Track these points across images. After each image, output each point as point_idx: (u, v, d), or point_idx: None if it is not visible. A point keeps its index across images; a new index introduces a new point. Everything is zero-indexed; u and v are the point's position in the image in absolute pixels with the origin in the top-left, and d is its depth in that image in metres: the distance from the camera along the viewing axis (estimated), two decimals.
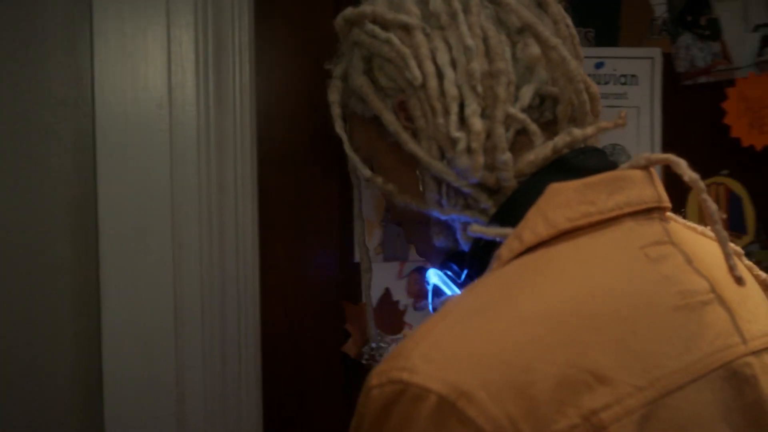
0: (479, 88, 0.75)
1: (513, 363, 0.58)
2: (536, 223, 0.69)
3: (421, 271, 1.29)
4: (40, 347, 0.91)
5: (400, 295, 1.28)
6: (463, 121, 0.75)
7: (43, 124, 0.88)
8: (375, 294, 1.27)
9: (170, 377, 0.97)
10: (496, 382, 0.57)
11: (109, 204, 0.91)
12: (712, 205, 0.71)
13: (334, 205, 1.24)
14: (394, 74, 0.79)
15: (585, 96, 0.77)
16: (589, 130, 0.76)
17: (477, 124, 0.74)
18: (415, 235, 0.85)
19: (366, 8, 0.81)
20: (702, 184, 0.72)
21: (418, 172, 0.79)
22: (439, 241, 0.81)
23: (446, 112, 0.75)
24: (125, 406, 0.94)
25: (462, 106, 0.75)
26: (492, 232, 0.71)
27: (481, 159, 0.74)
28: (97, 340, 0.93)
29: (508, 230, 0.70)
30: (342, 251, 1.25)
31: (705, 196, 0.71)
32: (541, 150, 0.75)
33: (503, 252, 0.68)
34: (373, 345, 1.26)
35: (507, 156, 0.74)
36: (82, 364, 0.93)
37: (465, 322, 0.61)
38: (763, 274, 0.79)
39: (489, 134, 0.75)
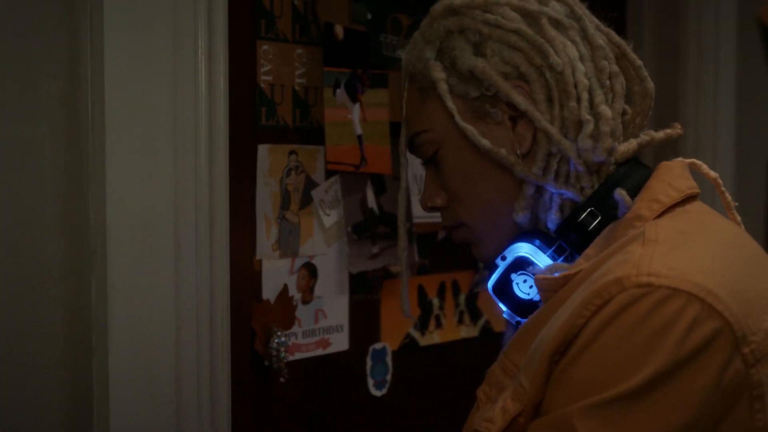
0: (607, 83, 0.88)
1: (730, 275, 0.76)
2: (666, 190, 0.85)
3: (309, 266, 1.34)
4: (37, 349, 0.84)
5: (293, 291, 1.32)
6: (591, 108, 0.87)
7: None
8: (274, 290, 1.30)
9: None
10: (725, 287, 0.74)
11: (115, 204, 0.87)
12: (729, 196, 0.93)
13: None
14: (518, 59, 0.88)
15: (650, 104, 0.94)
16: (661, 134, 0.93)
17: (607, 111, 0.87)
18: (487, 223, 0.93)
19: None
20: (720, 180, 0.93)
21: (533, 149, 0.89)
22: (522, 216, 0.91)
23: (578, 99, 0.87)
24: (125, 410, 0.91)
25: (591, 95, 0.87)
26: (629, 202, 0.84)
27: (609, 142, 0.87)
28: (103, 341, 0.88)
29: (635, 200, 0.85)
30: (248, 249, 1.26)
31: (723, 189, 0.93)
32: (631, 144, 0.89)
33: (644, 213, 0.84)
34: (277, 341, 1.29)
35: (622, 144, 0.88)
36: (77, 366, 0.88)
37: (678, 248, 0.78)
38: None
39: (630, 121, 0.90)
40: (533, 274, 0.89)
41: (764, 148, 1.88)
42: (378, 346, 1.42)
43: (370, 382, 1.41)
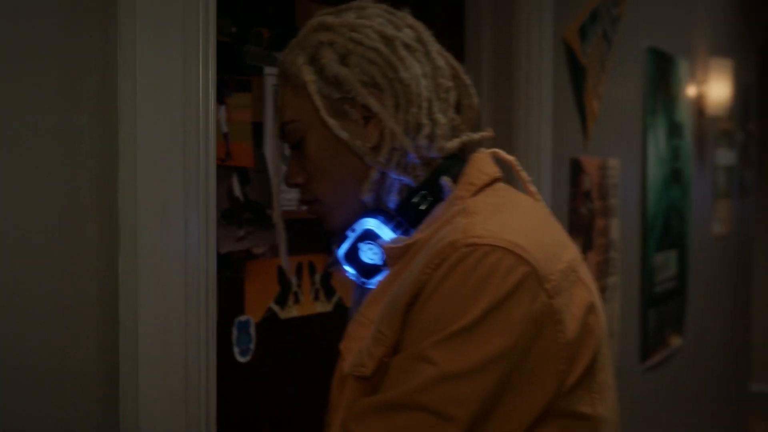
0: (443, 96, 1.12)
1: (531, 233, 1.02)
2: (478, 175, 1.11)
3: None
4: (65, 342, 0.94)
5: None
6: (429, 115, 1.10)
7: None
8: None
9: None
10: (529, 241, 0.99)
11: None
12: (525, 174, 1.20)
13: None
14: (374, 72, 1.10)
15: (475, 116, 1.19)
16: (477, 136, 1.18)
17: (441, 118, 1.11)
18: (338, 200, 1.15)
19: (354, 21, 1.11)
20: (516, 162, 1.19)
21: (380, 144, 1.11)
22: (368, 196, 1.14)
23: (420, 107, 1.10)
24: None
25: (429, 104, 1.11)
26: (452, 186, 1.10)
27: (441, 142, 1.11)
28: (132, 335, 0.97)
29: (456, 185, 1.10)
30: None
31: (519, 168, 1.19)
32: (455, 143, 1.14)
33: (463, 193, 1.09)
34: None
35: (449, 143, 1.12)
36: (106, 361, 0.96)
37: (492, 216, 1.03)
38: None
39: (456, 126, 1.15)
40: (379, 244, 1.12)
41: (571, 148, 2.19)
42: (242, 318, 1.61)
43: (236, 350, 1.60)
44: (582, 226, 2.24)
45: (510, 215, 1.05)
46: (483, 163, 1.13)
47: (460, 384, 0.95)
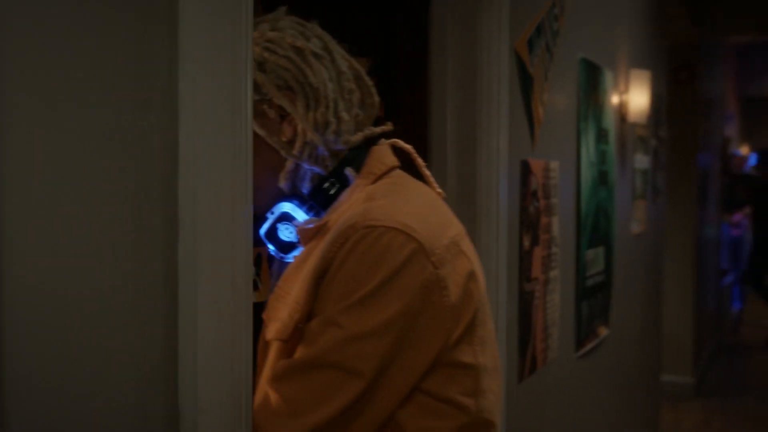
0: (347, 97, 1.33)
1: (420, 214, 1.24)
2: (377, 165, 1.33)
3: None
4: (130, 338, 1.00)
5: None
6: (335, 113, 1.31)
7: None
8: None
9: None
10: (418, 222, 1.21)
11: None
12: (420, 160, 1.44)
13: None
14: (287, 77, 1.30)
15: (376, 112, 1.40)
16: (378, 129, 1.39)
17: (345, 116, 1.33)
18: (261, 188, 1.30)
19: (269, 33, 1.30)
20: (413, 150, 1.43)
21: (293, 139, 1.32)
22: (285, 184, 1.35)
23: (327, 107, 1.31)
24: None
25: (335, 104, 1.31)
26: (355, 174, 1.32)
27: (346, 136, 1.33)
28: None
29: (359, 174, 1.32)
30: None
31: (416, 155, 1.44)
32: (358, 136, 1.36)
33: (364, 181, 1.31)
34: None
35: (353, 136, 1.35)
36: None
37: (387, 201, 1.24)
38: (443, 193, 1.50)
39: (360, 122, 1.36)
40: (294, 225, 1.33)
41: (521, 151, 2.40)
42: None
43: None
44: (530, 223, 2.44)
45: (402, 199, 1.26)
46: (382, 154, 1.35)
47: (365, 343, 1.17)
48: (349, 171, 1.33)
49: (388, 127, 1.42)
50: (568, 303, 2.90)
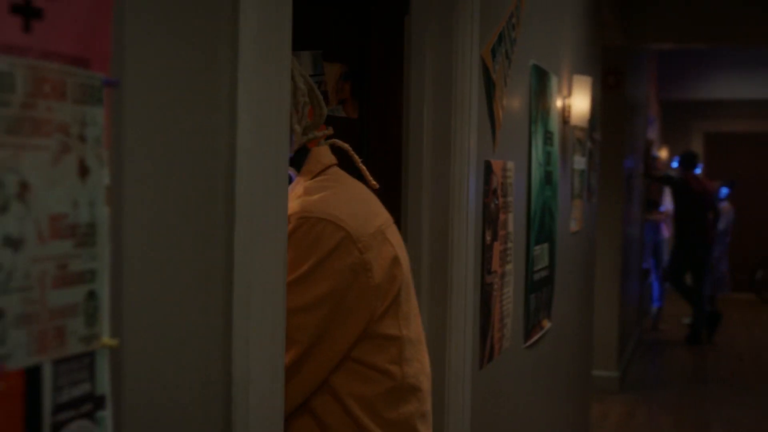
0: (300, 110, 1.54)
1: (349, 206, 1.47)
2: (315, 164, 1.56)
3: None
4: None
5: None
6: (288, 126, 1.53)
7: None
8: None
9: None
10: (346, 213, 1.44)
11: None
12: (357, 157, 1.66)
13: None
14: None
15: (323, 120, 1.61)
16: (320, 133, 1.60)
17: (298, 128, 1.54)
18: None
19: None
20: (351, 149, 1.66)
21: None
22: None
23: (301, 115, 1.52)
24: None
25: (290, 118, 1.51)
26: (295, 172, 1.57)
27: (296, 144, 1.55)
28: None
29: (301, 171, 1.57)
30: None
31: (353, 153, 1.65)
32: (303, 140, 1.57)
33: (305, 177, 1.55)
34: None
35: (302, 139, 1.56)
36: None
37: (321, 195, 1.46)
38: (376, 185, 1.71)
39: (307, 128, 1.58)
40: None
41: (485, 151, 2.57)
42: None
43: None
44: (491, 219, 2.62)
45: (334, 193, 1.48)
46: (321, 154, 1.59)
47: (300, 316, 1.40)
48: (291, 171, 1.52)
49: (329, 131, 1.64)
50: (519, 296, 3.09)
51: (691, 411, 6.38)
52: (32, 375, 0.83)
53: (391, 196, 2.24)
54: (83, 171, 0.89)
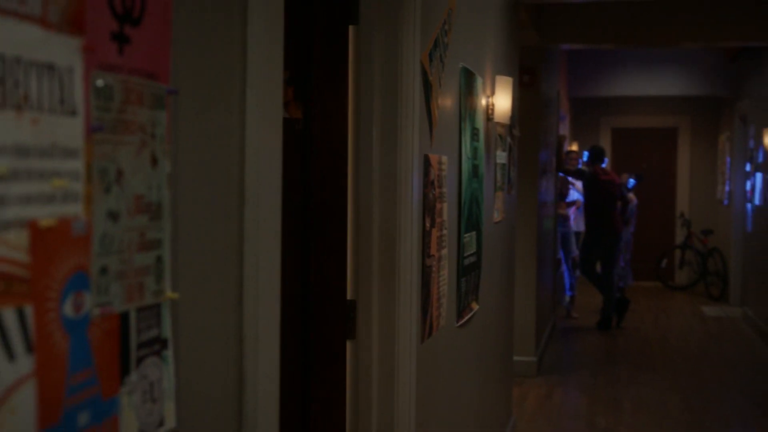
0: None
1: None
2: None
3: None
4: None
5: None
6: None
7: None
8: None
9: None
10: None
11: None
12: None
13: None
14: None
15: None
16: None
17: None
18: None
19: None
20: None
21: None
22: None
23: None
24: None
25: None
26: None
27: None
28: None
29: None
30: None
31: None
32: None
33: None
34: None
35: None
36: None
37: None
38: None
39: None
40: None
41: (424, 147, 2.86)
42: None
43: None
44: (430, 208, 2.92)
45: None
46: None
47: None
48: None
49: None
50: (452, 278, 3.39)
51: (603, 391, 6.82)
52: (124, 319, 1.09)
53: (335, 187, 2.51)
54: (154, 161, 1.14)
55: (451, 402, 3.50)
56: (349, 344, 2.48)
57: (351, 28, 2.53)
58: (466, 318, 3.70)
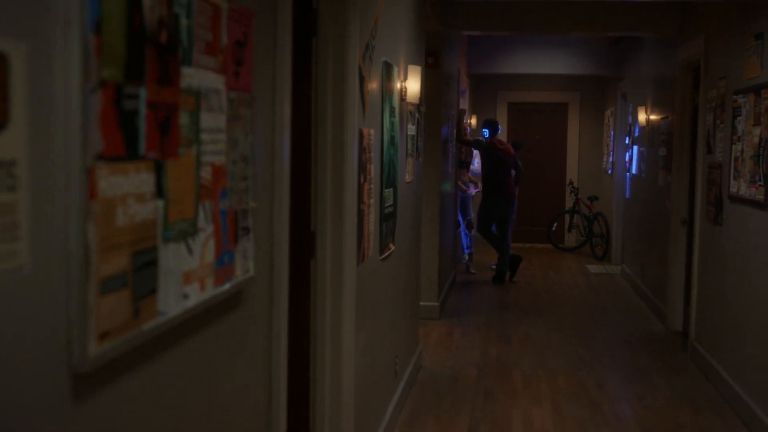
0: None
1: None
2: None
3: None
4: None
5: None
6: None
7: None
8: None
9: None
10: None
11: None
12: None
13: None
14: None
15: None
16: None
17: None
18: None
19: None
20: None
21: None
22: None
23: None
24: None
25: None
26: None
27: None
28: None
29: None
30: None
31: None
32: None
33: None
34: None
35: None
36: None
37: None
38: None
39: None
40: None
41: (359, 122, 4.01)
42: None
43: None
44: (363, 167, 4.07)
45: None
46: None
47: None
48: None
49: None
50: (376, 222, 4.56)
51: (496, 330, 8.12)
52: (236, 214, 2.21)
53: (303, 151, 3.62)
54: (246, 135, 2.26)
55: (375, 319, 4.67)
56: (312, 262, 3.62)
57: (314, 39, 3.64)
58: (386, 254, 4.87)
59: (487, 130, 10.91)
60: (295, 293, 3.54)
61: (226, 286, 2.11)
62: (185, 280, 1.84)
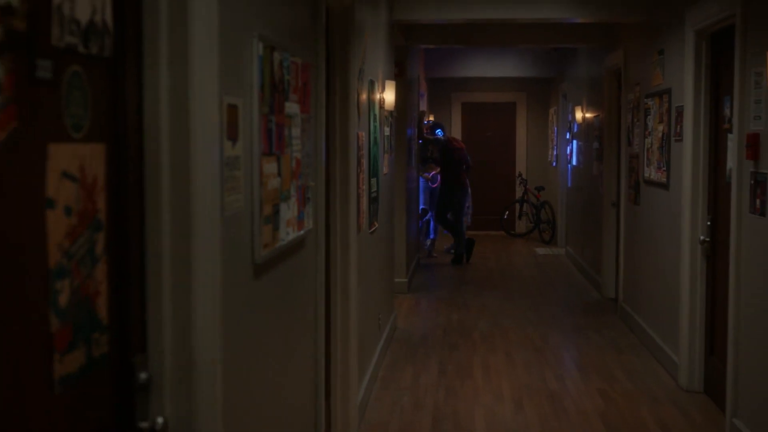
0: None
1: None
2: None
3: None
4: None
5: None
6: None
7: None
8: None
9: None
10: None
11: None
12: None
13: None
14: None
15: None
16: None
17: None
18: None
19: None
20: None
21: None
22: None
23: None
24: None
25: None
26: None
27: None
28: None
29: None
30: None
31: None
32: None
33: None
34: None
35: None
36: None
37: None
38: None
39: None
40: None
41: (357, 128, 5.41)
42: None
43: None
44: (358, 161, 5.46)
45: None
46: None
47: None
48: None
49: None
50: (366, 203, 5.95)
51: (457, 301, 9.57)
52: (306, 190, 3.60)
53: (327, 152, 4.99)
54: (308, 140, 3.65)
55: (366, 280, 6.05)
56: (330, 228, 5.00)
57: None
58: (373, 229, 6.27)
59: (440, 131, 12.42)
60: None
61: (302, 232, 3.49)
62: (287, 224, 3.22)
